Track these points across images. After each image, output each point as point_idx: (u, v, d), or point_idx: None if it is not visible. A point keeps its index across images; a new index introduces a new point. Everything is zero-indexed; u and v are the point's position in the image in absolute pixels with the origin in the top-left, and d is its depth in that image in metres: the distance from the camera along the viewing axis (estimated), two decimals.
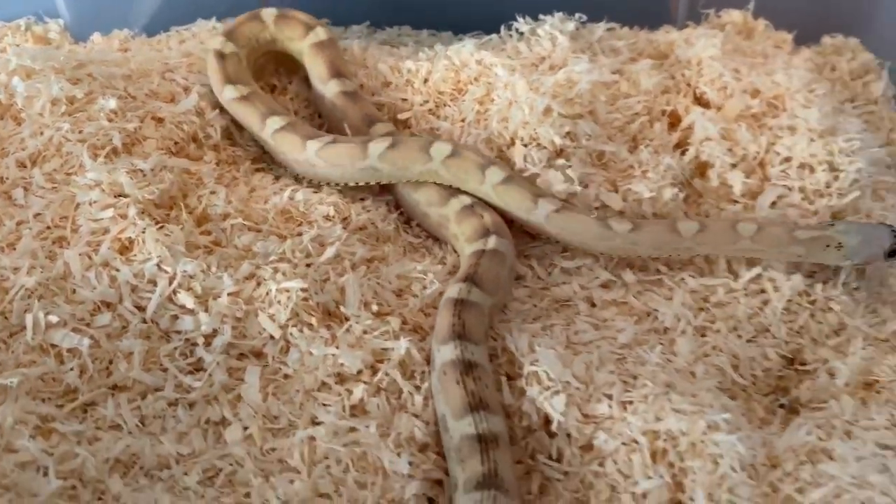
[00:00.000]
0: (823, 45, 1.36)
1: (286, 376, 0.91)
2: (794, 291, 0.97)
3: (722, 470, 0.75)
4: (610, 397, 0.84)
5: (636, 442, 0.79)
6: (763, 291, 0.99)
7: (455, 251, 1.05)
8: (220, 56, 1.16)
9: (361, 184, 1.08)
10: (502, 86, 1.13)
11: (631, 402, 0.83)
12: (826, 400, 0.87)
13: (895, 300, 1.01)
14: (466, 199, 1.04)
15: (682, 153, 1.10)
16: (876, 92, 1.27)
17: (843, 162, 1.03)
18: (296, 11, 1.23)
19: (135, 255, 0.96)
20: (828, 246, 0.97)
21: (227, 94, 1.13)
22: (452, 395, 0.84)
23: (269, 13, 1.22)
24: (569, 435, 0.83)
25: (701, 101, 1.15)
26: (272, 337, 0.92)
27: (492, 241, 0.98)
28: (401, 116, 1.18)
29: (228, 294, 0.93)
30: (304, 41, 1.20)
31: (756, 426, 0.88)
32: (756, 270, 0.99)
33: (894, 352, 0.92)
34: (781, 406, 0.92)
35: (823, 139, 1.05)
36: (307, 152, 1.06)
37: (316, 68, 1.19)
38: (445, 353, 0.87)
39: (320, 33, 1.20)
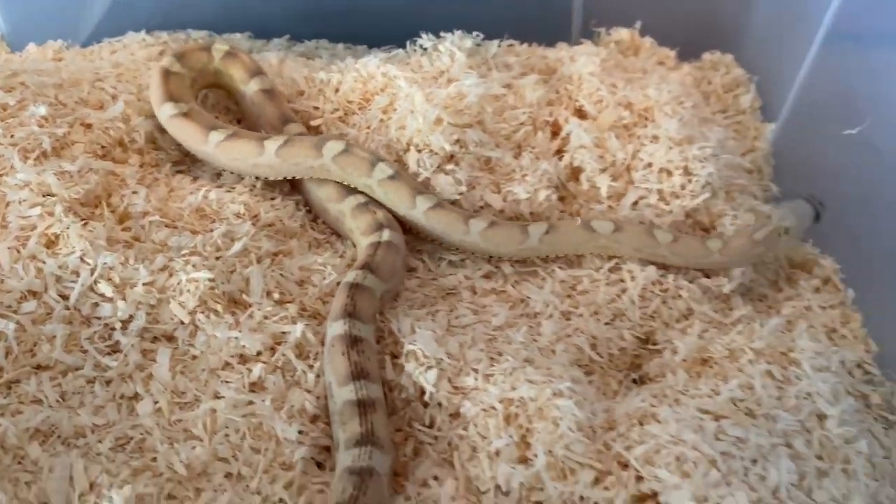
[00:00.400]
0: (703, 61, 1.51)
1: (193, 357, 1.01)
2: (647, 280, 1.10)
3: (561, 430, 0.88)
4: (476, 371, 0.96)
5: (493, 408, 0.91)
6: (622, 280, 1.12)
7: (353, 245, 1.17)
8: (166, 74, 1.25)
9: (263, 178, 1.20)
10: (404, 96, 1.25)
11: (493, 375, 0.95)
12: (665, 374, 1.01)
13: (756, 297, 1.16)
14: (361, 198, 1.15)
15: (560, 159, 1.23)
16: (745, 104, 1.42)
17: (696, 167, 1.17)
18: (243, 53, 1.33)
19: (60, 249, 1.05)
20: (780, 235, 1.11)
21: (165, 112, 1.22)
22: (338, 365, 0.96)
23: (218, 49, 1.32)
24: (440, 404, 0.95)
25: (580, 113, 1.28)
26: (182, 322, 1.03)
27: (386, 234, 1.10)
28: (312, 123, 1.29)
29: (144, 284, 1.03)
30: (248, 84, 1.28)
31: (610, 397, 1.01)
32: (615, 261, 1.12)
33: (732, 334, 1.05)
34: (634, 381, 1.06)
35: (681, 147, 1.19)
36: (209, 145, 1.17)
37: (239, 74, 1.29)
38: (336, 328, 0.99)
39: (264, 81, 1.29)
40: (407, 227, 1.16)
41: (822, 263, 1.19)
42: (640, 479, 0.85)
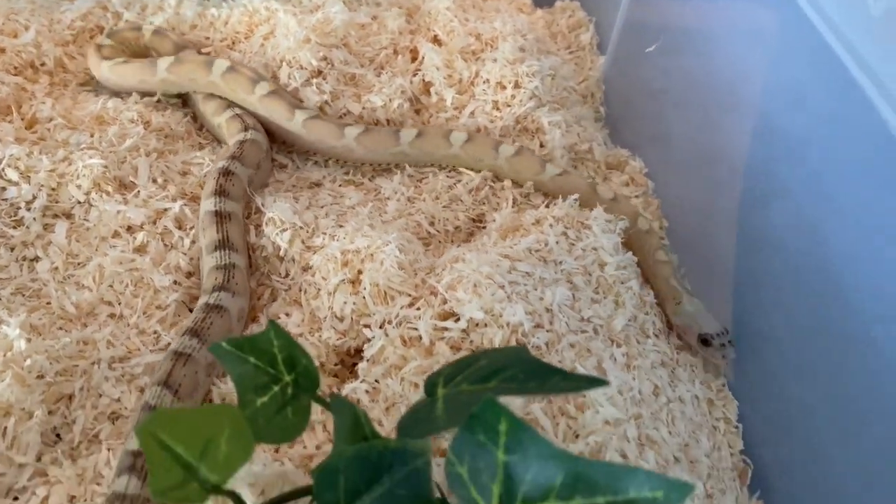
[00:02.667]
0: (555, 8, 1.74)
1: (87, 229, 1.20)
2: (482, 178, 1.32)
3: (385, 267, 1.08)
4: (325, 233, 1.16)
5: (335, 257, 1.11)
6: (460, 175, 1.33)
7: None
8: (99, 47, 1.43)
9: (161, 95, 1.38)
10: (282, 25, 1.45)
11: (337, 236, 1.15)
12: (483, 237, 1.22)
13: None
14: (238, 110, 1.34)
15: (414, 76, 1.44)
16: (585, 41, 1.65)
17: (524, 81, 1.39)
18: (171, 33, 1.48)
19: None
20: (674, 299, 1.18)
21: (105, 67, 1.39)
22: (209, 234, 1.15)
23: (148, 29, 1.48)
24: (293, 259, 1.15)
25: (435, 41, 1.49)
26: (79, 201, 1.21)
27: (251, 133, 1.30)
28: (203, 50, 1.48)
29: (46, 171, 1.21)
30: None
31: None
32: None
33: (541, 209, 1.27)
34: None
35: (514, 65, 1.41)
36: (102, 70, 1.36)
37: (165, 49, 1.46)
38: (208, 205, 1.18)
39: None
40: (286, 140, 1.35)
41: (632, 164, 1.42)
42: (444, 301, 1.05)
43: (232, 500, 0.64)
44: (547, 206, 1.25)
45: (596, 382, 0.67)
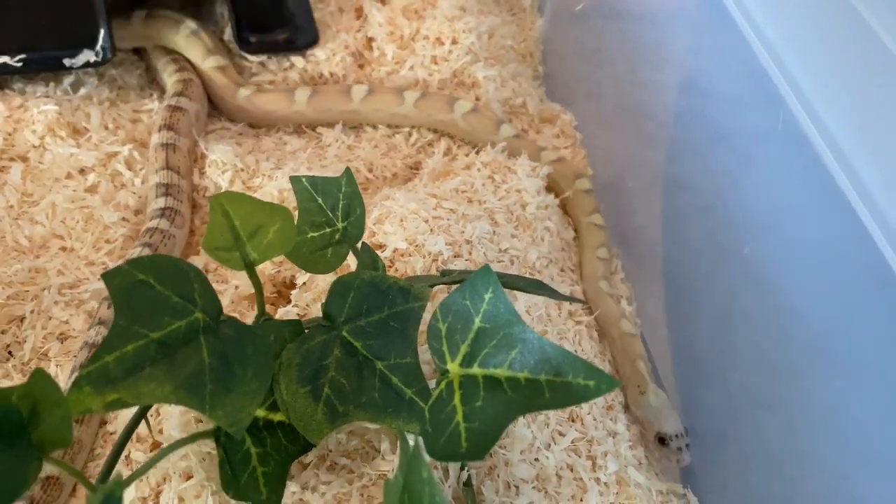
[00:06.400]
0: None
1: (41, 170, 1.27)
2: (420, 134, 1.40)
3: None
4: (264, 175, 1.24)
5: (272, 194, 1.19)
6: (399, 129, 1.42)
7: None
8: None
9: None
10: None
11: (275, 177, 1.23)
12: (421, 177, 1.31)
13: None
14: (188, 74, 1.40)
15: (358, 32, 1.51)
16: (526, 3, 1.72)
17: (461, 37, 1.47)
18: None
19: None
20: (638, 386, 1.09)
21: None
22: (158, 164, 1.23)
23: None
24: None
25: (382, 1, 1.57)
26: (34, 146, 1.28)
27: (190, 73, 1.37)
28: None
29: (3, 116, 1.28)
30: None
31: None
32: None
33: (471, 156, 1.35)
34: None
35: (451, 22, 1.49)
36: None
37: None
38: (156, 139, 1.26)
39: None
40: (236, 117, 1.42)
41: (563, 117, 1.51)
42: (373, 234, 1.13)
43: (252, 279, 0.76)
44: (477, 153, 1.34)
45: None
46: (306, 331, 0.76)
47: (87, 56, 1.30)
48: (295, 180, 0.86)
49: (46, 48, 1.29)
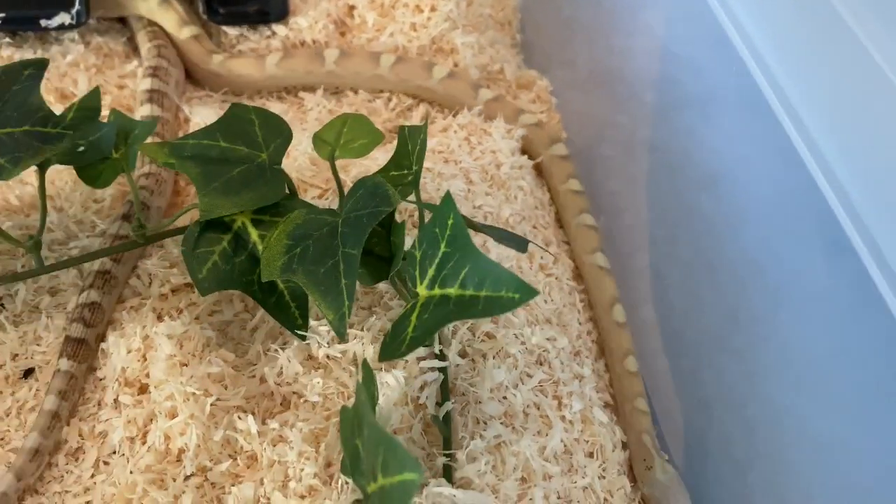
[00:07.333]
0: None
1: None
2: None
3: (297, 163, 1.20)
4: None
5: None
6: (381, 92, 1.46)
7: None
8: None
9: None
10: None
11: None
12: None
13: None
14: (162, 41, 1.43)
15: (339, 0, 1.55)
16: None
17: (440, 4, 1.50)
18: None
19: None
20: (644, 460, 1.03)
21: None
22: (142, 111, 1.28)
23: None
24: None
25: None
26: None
27: (170, 44, 1.42)
28: None
29: None
30: None
31: None
32: None
33: (448, 118, 1.39)
34: None
35: None
36: None
37: None
38: (143, 84, 1.30)
39: None
40: (212, 85, 1.45)
41: (539, 83, 1.55)
42: None
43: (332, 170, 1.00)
44: (454, 116, 1.38)
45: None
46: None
47: (63, 18, 1.34)
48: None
49: (24, 8, 1.33)
